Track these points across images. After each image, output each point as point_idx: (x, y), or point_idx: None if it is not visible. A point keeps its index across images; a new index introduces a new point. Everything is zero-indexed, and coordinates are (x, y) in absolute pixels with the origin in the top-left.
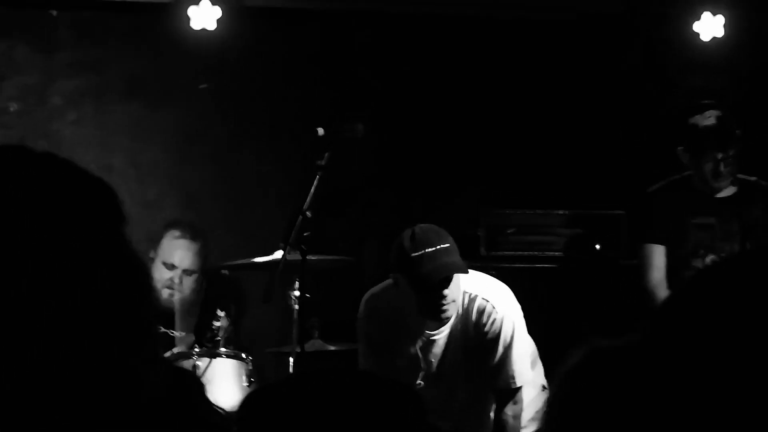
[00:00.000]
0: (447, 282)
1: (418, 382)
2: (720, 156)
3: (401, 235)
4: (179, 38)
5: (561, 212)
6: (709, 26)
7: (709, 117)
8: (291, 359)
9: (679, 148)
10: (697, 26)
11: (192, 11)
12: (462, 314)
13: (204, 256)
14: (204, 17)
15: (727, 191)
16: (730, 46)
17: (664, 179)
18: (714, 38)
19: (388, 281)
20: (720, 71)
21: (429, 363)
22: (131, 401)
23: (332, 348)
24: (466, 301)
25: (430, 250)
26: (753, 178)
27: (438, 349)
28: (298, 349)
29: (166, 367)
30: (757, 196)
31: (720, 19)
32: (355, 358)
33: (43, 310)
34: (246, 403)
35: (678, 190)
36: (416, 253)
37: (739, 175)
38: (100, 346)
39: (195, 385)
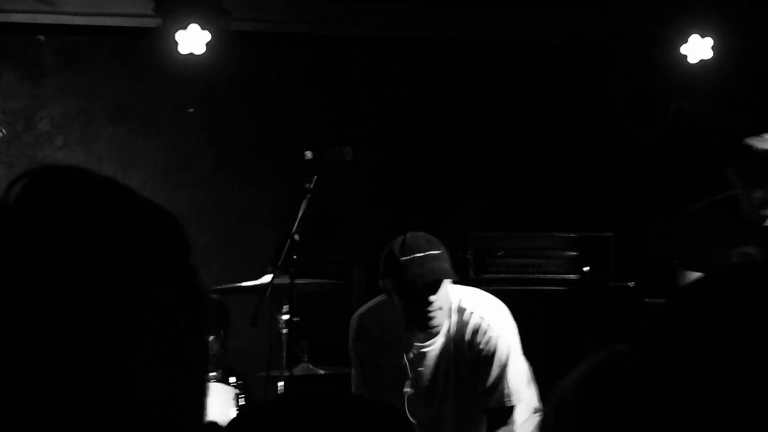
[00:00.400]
0: (434, 287)
1: (406, 390)
2: None
3: (393, 241)
4: (167, 63)
5: (550, 235)
6: (697, 49)
7: (766, 141)
8: (280, 383)
9: (730, 167)
10: (684, 49)
11: (180, 36)
12: (457, 330)
13: None
14: (192, 42)
15: None
16: (718, 69)
17: (709, 197)
18: (702, 60)
19: (376, 299)
20: (708, 94)
21: (418, 374)
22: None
23: (321, 372)
24: (462, 317)
25: (418, 255)
26: None
27: (429, 361)
28: (287, 373)
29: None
30: None
31: (708, 42)
32: (345, 381)
33: (116, 335)
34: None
35: (720, 212)
36: (405, 258)
37: None
38: (164, 372)
39: None
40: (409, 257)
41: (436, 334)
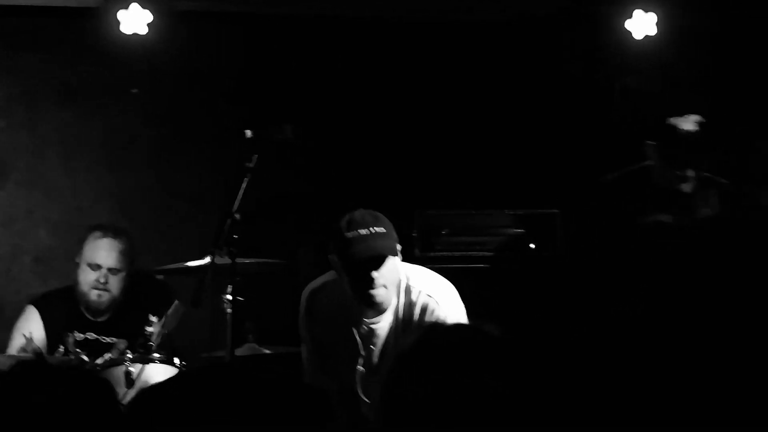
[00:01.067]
0: (377, 263)
1: (358, 367)
2: (691, 173)
3: (341, 218)
4: (110, 43)
5: (495, 212)
6: (642, 24)
7: (690, 121)
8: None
9: (649, 143)
10: (629, 24)
11: (122, 15)
12: (405, 308)
13: (129, 255)
14: (134, 21)
15: (685, 187)
16: (662, 44)
17: (620, 170)
18: (647, 36)
19: (328, 274)
20: (653, 69)
21: (369, 351)
22: None
23: (267, 351)
24: (410, 295)
25: (363, 231)
26: (709, 175)
27: (378, 339)
28: (232, 353)
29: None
30: (713, 195)
31: (652, 17)
32: (291, 360)
33: None
34: (134, 401)
35: (633, 183)
36: (350, 233)
37: (697, 173)
38: None
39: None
40: (354, 233)
41: (384, 310)
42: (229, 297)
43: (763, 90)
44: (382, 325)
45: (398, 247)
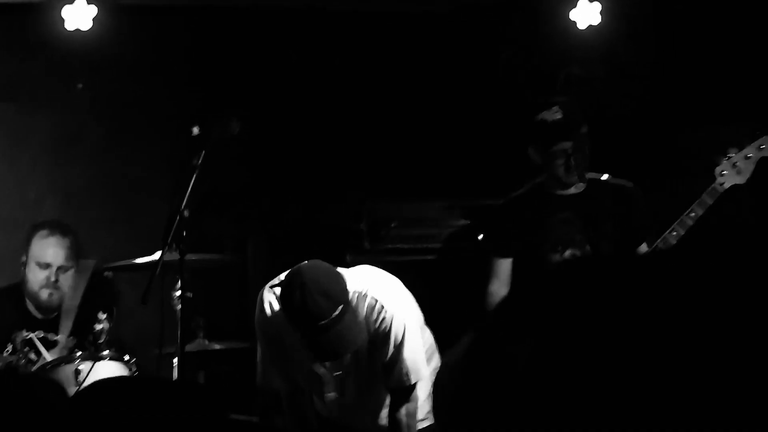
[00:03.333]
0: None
1: (328, 395)
2: (569, 148)
3: (287, 294)
4: (54, 39)
5: (443, 204)
6: (586, 14)
7: (556, 112)
8: (175, 360)
9: (530, 148)
10: (573, 14)
11: (66, 11)
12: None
13: (76, 251)
14: (79, 17)
15: (578, 188)
16: (607, 34)
17: (519, 188)
18: (590, 26)
19: (285, 274)
20: (597, 59)
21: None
22: None
23: (217, 347)
24: (356, 299)
25: (322, 323)
26: (604, 177)
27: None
28: (182, 349)
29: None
30: (606, 192)
31: (596, 6)
32: (240, 356)
33: None
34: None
35: (533, 196)
36: (308, 329)
37: (590, 174)
38: None
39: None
40: (312, 328)
41: None
42: (179, 293)
43: (705, 78)
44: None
45: (348, 294)
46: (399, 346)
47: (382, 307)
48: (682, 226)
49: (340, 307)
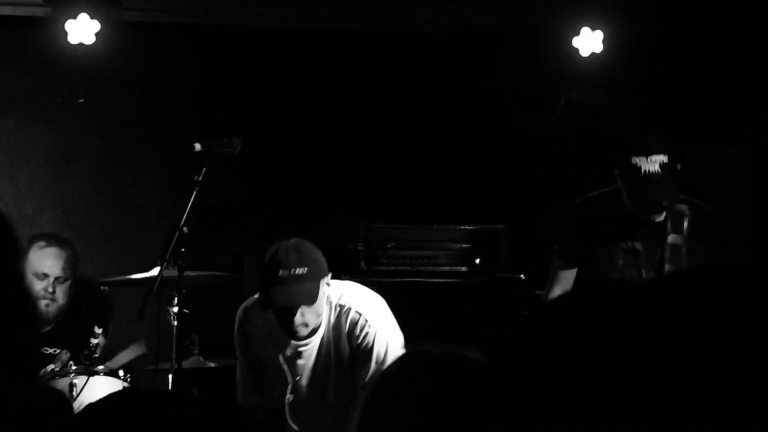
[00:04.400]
0: (292, 310)
1: (288, 396)
2: (663, 203)
3: (269, 249)
4: (56, 53)
5: (441, 227)
6: (588, 42)
7: (654, 162)
8: (169, 376)
9: (617, 171)
10: (576, 41)
11: (69, 25)
12: (334, 325)
13: (74, 263)
14: (82, 31)
15: (658, 216)
16: (608, 62)
17: (597, 189)
18: (593, 54)
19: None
20: (598, 86)
21: (297, 374)
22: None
23: (212, 365)
24: (337, 312)
25: (282, 273)
26: (683, 197)
27: (307, 360)
28: (177, 366)
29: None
30: (685, 219)
31: (599, 35)
32: (234, 371)
33: None
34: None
35: (609, 205)
36: (270, 273)
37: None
38: None
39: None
40: (273, 274)
41: (313, 333)
42: (175, 309)
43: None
44: (311, 347)
45: (325, 278)
46: (381, 363)
47: (366, 322)
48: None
49: (305, 269)
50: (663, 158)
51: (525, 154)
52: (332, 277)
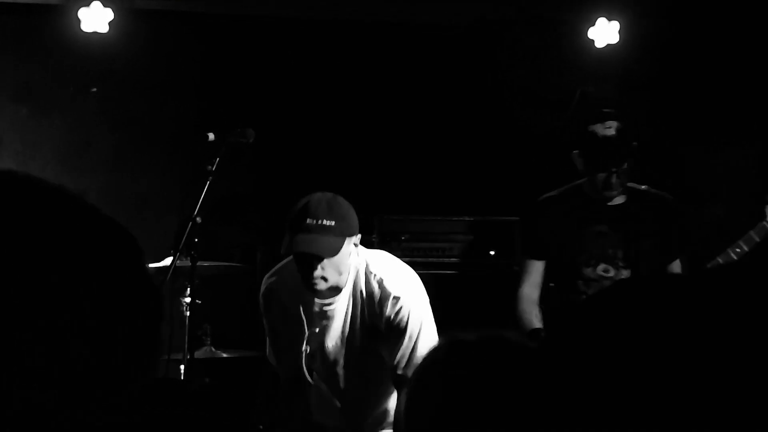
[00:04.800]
0: (314, 260)
1: (304, 347)
2: (614, 169)
3: (303, 198)
4: (70, 41)
5: (455, 219)
6: (604, 33)
7: (609, 127)
8: (182, 366)
9: (575, 152)
10: (592, 33)
11: (83, 13)
12: (366, 293)
13: None
14: (95, 20)
15: (618, 199)
16: (624, 53)
17: (557, 188)
18: (609, 45)
19: (286, 259)
20: (614, 78)
21: (320, 330)
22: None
23: (224, 355)
24: (368, 279)
25: (309, 222)
26: (643, 187)
27: (332, 321)
28: (189, 356)
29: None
30: (645, 204)
31: (615, 26)
32: (247, 364)
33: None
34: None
35: (570, 199)
36: (297, 220)
37: (630, 184)
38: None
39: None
40: (300, 221)
41: (335, 294)
42: (188, 300)
43: (722, 97)
44: (337, 307)
45: (352, 237)
46: (416, 338)
47: (401, 295)
48: (725, 260)
49: (332, 222)
50: (618, 124)
51: (537, 147)
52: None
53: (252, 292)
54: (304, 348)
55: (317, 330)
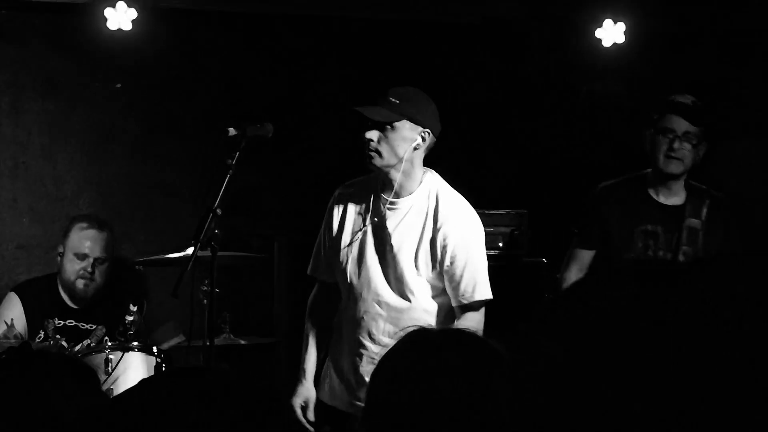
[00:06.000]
0: (370, 122)
1: (355, 240)
2: (682, 131)
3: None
4: (95, 38)
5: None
6: (611, 33)
7: (688, 97)
8: (201, 353)
9: (645, 130)
10: (599, 33)
11: (108, 12)
12: (432, 210)
13: (112, 245)
14: (120, 18)
15: (676, 200)
16: (630, 53)
17: (620, 176)
18: (615, 44)
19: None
20: (620, 77)
21: (378, 225)
22: None
23: (242, 342)
24: (440, 200)
25: (382, 94)
26: (704, 187)
27: (391, 222)
28: (208, 343)
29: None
30: (704, 206)
31: (621, 26)
32: (265, 351)
33: None
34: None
35: (629, 191)
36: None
37: (693, 182)
38: None
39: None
40: (382, 92)
41: (404, 195)
42: (207, 288)
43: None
44: (399, 208)
45: (418, 127)
46: (466, 261)
47: (460, 217)
48: None
49: (398, 101)
50: (695, 99)
51: (548, 139)
52: None
53: (269, 281)
54: (357, 238)
55: (376, 222)
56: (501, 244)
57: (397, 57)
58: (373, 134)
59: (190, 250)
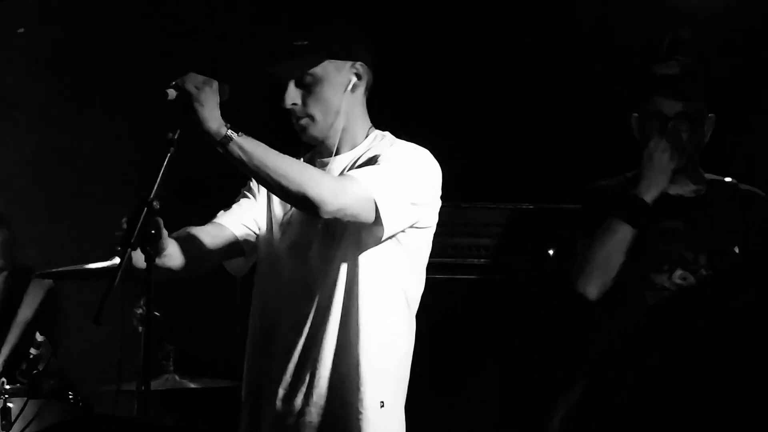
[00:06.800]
0: (282, 84)
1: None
2: (674, 113)
3: None
4: None
5: (503, 206)
6: None
7: (673, 66)
8: (135, 401)
9: (634, 114)
10: None
11: None
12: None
13: (10, 248)
14: None
15: (695, 191)
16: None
17: (620, 173)
18: None
19: None
20: (709, 28)
21: None
22: None
23: (191, 385)
24: (376, 143)
25: (289, 40)
26: (728, 179)
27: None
28: (146, 387)
29: None
30: (731, 199)
31: None
32: (218, 396)
33: None
34: None
35: (625, 189)
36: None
37: (709, 175)
38: None
39: None
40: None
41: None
42: (143, 311)
43: None
44: (332, 168)
45: (346, 63)
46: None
47: (395, 144)
48: None
49: (306, 43)
50: (682, 61)
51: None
52: None
53: (227, 300)
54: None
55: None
56: (551, 252)
57: (429, 38)
58: (293, 96)
59: (117, 259)
